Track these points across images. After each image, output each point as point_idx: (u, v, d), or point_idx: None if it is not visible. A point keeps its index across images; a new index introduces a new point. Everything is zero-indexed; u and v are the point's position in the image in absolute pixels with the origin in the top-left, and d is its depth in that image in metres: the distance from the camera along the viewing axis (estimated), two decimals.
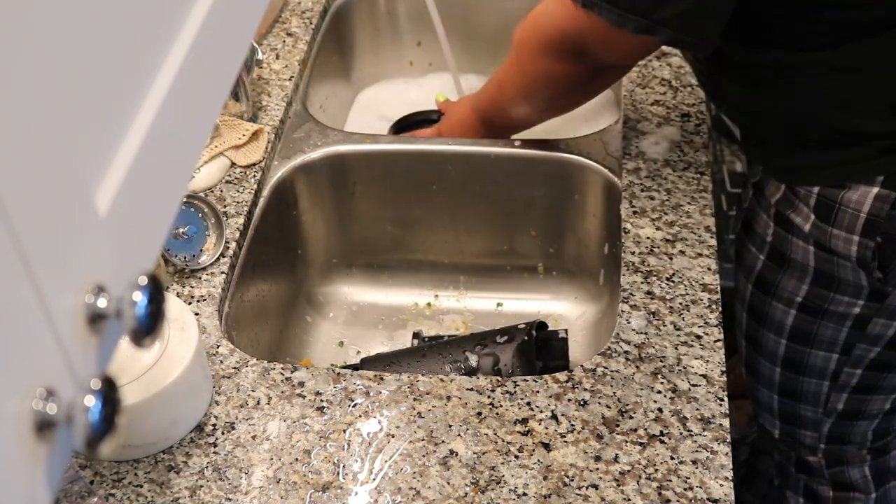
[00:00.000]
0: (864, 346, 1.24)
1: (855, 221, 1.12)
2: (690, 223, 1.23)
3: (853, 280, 1.17)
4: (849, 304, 1.20)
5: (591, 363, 1.09)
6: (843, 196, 1.11)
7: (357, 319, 1.46)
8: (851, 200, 1.11)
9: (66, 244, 0.46)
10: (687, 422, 1.03)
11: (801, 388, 1.31)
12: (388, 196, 1.44)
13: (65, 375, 0.46)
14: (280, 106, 1.43)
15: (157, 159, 0.54)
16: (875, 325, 1.21)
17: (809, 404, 1.33)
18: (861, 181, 1.10)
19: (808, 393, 1.31)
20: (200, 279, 1.21)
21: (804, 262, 1.19)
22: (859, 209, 1.11)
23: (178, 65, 0.54)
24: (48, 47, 0.44)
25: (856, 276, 1.16)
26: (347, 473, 1.01)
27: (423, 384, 1.08)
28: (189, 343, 1.02)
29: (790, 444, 1.40)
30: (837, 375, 1.28)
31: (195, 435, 1.05)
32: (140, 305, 0.47)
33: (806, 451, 1.39)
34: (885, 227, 1.11)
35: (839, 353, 1.25)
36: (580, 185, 1.37)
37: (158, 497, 1.00)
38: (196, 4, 0.57)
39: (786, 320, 1.26)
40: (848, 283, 1.18)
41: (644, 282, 1.16)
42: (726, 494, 0.97)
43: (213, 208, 1.25)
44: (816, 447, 1.38)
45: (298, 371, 1.10)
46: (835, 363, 1.27)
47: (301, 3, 1.62)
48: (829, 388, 1.29)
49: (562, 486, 0.98)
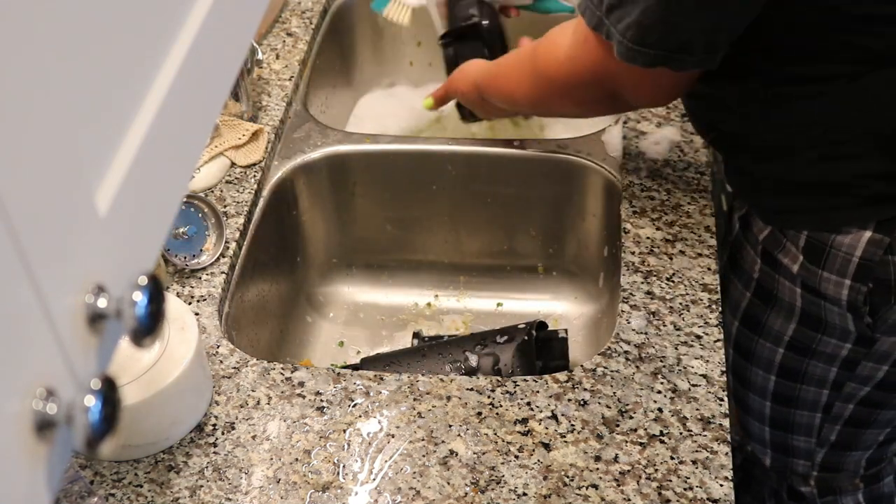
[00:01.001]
0: (854, 385, 1.20)
1: (847, 265, 1.08)
2: (690, 223, 1.23)
3: (840, 324, 1.13)
4: (836, 346, 1.16)
5: (591, 363, 1.09)
6: (834, 239, 1.07)
7: (357, 319, 1.46)
8: (843, 244, 1.07)
9: (66, 244, 0.46)
10: (687, 422, 1.03)
11: (793, 420, 1.28)
12: (388, 196, 1.44)
13: (65, 375, 0.46)
14: (280, 106, 1.43)
15: (157, 159, 0.54)
16: (864, 368, 1.17)
17: (802, 435, 1.29)
18: (853, 225, 1.06)
19: (801, 425, 1.28)
20: (200, 279, 1.21)
21: (791, 303, 1.16)
22: (851, 253, 1.07)
23: (178, 65, 0.54)
24: (48, 47, 0.44)
25: (843, 321, 1.13)
26: (347, 473, 1.01)
27: (423, 384, 1.08)
28: (189, 343, 1.02)
29: (782, 473, 1.37)
30: (830, 408, 1.24)
31: (195, 435, 1.05)
32: (140, 305, 0.47)
33: (798, 479, 1.36)
34: (878, 271, 1.07)
35: (830, 389, 1.22)
36: (580, 185, 1.37)
37: (158, 497, 1.00)
38: (196, 4, 0.57)
39: (774, 358, 1.22)
40: (835, 327, 1.14)
41: (644, 282, 1.16)
42: (726, 494, 0.97)
43: (213, 208, 1.25)
44: (809, 475, 1.34)
45: (298, 371, 1.10)
46: (826, 397, 1.23)
47: (301, 3, 1.62)
48: (821, 420, 1.26)
49: (562, 486, 0.98)
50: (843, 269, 1.08)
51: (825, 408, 1.25)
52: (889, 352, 1.15)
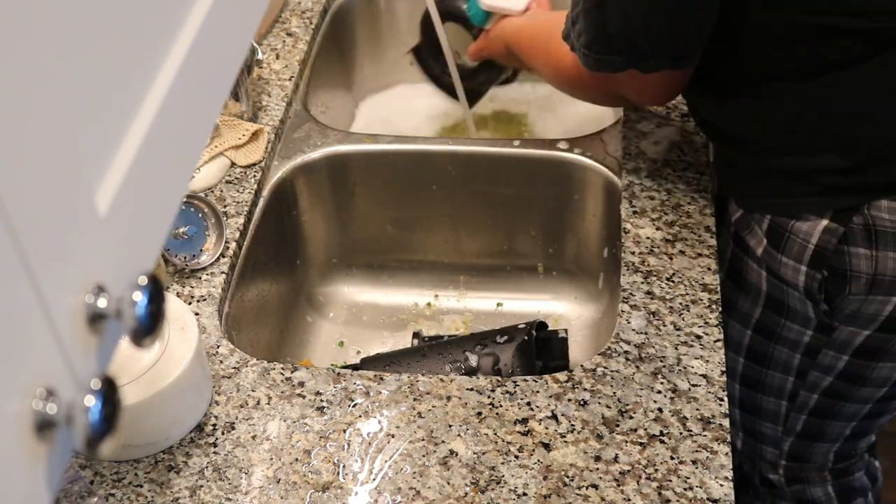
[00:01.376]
0: (816, 374, 1.23)
1: (803, 251, 1.11)
2: (690, 223, 1.23)
3: (801, 310, 1.16)
4: (798, 332, 1.19)
5: (591, 363, 1.09)
6: (793, 225, 1.11)
7: (357, 319, 1.46)
8: (801, 230, 1.10)
9: (66, 244, 0.46)
10: (687, 422, 1.03)
11: (760, 405, 1.31)
12: (388, 196, 1.44)
13: (65, 375, 0.46)
14: (280, 106, 1.43)
15: (157, 159, 0.54)
16: (825, 356, 1.20)
17: (769, 421, 1.32)
18: (812, 212, 1.09)
19: (768, 411, 1.31)
20: (200, 279, 1.21)
21: (758, 286, 1.19)
22: (808, 240, 1.10)
23: (178, 65, 0.54)
24: (48, 47, 0.44)
25: (803, 307, 1.16)
26: (347, 473, 1.01)
27: (423, 384, 1.08)
28: (189, 343, 1.02)
29: (752, 459, 1.40)
30: (795, 396, 1.27)
31: (195, 435, 1.05)
32: (140, 305, 0.47)
33: (767, 467, 1.39)
34: (833, 260, 1.09)
35: (794, 376, 1.24)
36: (580, 185, 1.37)
37: (158, 497, 1.00)
38: (196, 4, 0.57)
39: (742, 340, 1.26)
40: (797, 312, 1.17)
41: (644, 282, 1.16)
42: (726, 494, 0.97)
43: (213, 208, 1.25)
44: (777, 463, 1.37)
45: (298, 371, 1.10)
46: (791, 384, 1.26)
47: (301, 3, 1.62)
48: (787, 409, 1.29)
49: (562, 486, 0.98)
50: (799, 255, 1.11)
51: (790, 396, 1.27)
52: (847, 340, 1.17)
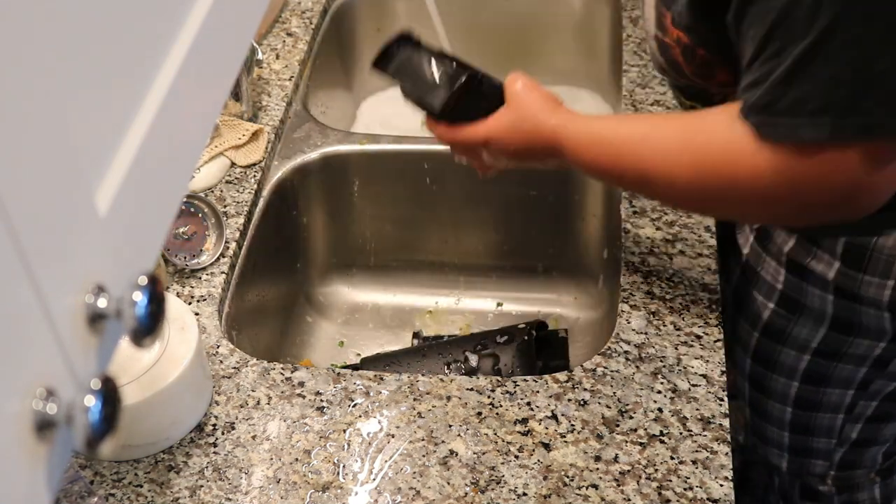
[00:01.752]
0: (882, 382, 1.21)
1: (890, 267, 1.08)
2: (690, 223, 1.23)
3: (875, 325, 1.14)
4: (868, 346, 1.17)
5: (591, 363, 1.09)
6: (876, 242, 1.07)
7: (357, 319, 1.46)
8: (886, 246, 1.08)
9: (66, 244, 0.46)
10: (687, 422, 1.03)
11: (814, 423, 1.28)
12: (388, 196, 1.44)
13: (65, 375, 0.46)
14: (280, 106, 1.43)
15: (157, 159, 0.54)
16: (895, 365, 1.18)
17: (823, 436, 1.30)
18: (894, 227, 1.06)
19: (823, 427, 1.28)
20: (200, 279, 1.21)
21: (821, 310, 1.16)
22: (894, 254, 1.07)
23: (178, 64, 0.54)
24: (48, 47, 0.44)
25: (879, 322, 1.14)
26: (347, 473, 1.01)
27: (423, 384, 1.08)
28: (189, 343, 1.02)
29: (797, 474, 1.37)
30: (853, 408, 1.25)
31: (195, 435, 1.05)
32: (140, 305, 0.47)
33: (815, 480, 1.36)
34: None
35: (856, 388, 1.23)
36: (580, 186, 1.37)
37: (158, 497, 1.00)
38: (196, 4, 0.57)
39: (798, 365, 1.22)
40: (869, 329, 1.15)
41: (644, 282, 1.16)
42: (726, 494, 0.97)
43: (213, 208, 1.25)
44: (826, 475, 1.35)
45: (298, 371, 1.10)
46: (850, 397, 1.24)
47: (301, 3, 1.62)
48: (843, 420, 1.27)
49: (562, 486, 0.98)
50: (886, 271, 1.09)
51: (848, 408, 1.25)
52: None
